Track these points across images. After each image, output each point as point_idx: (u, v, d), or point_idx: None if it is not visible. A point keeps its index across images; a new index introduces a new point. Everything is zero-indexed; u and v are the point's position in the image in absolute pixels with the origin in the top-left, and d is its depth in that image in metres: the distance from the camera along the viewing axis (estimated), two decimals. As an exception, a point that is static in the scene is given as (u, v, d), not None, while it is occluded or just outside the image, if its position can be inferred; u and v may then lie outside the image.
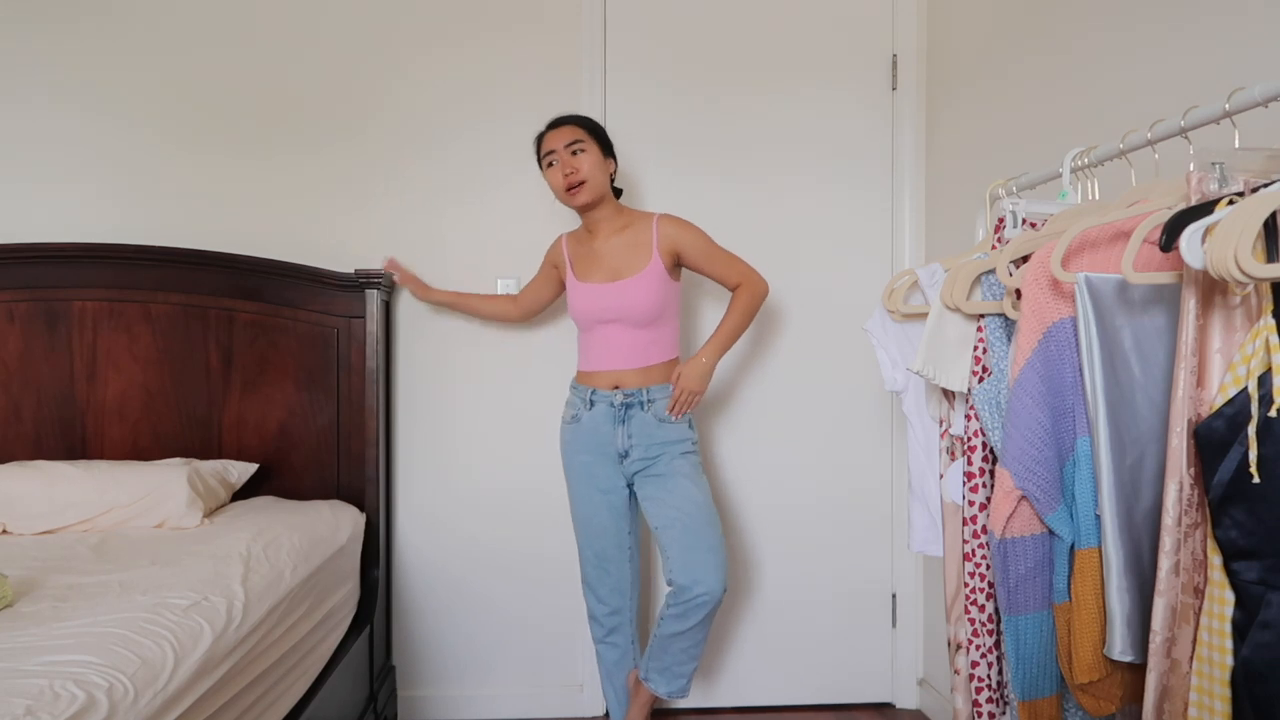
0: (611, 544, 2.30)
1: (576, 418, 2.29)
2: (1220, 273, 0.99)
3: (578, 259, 2.34)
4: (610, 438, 2.25)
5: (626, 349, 2.24)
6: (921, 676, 2.83)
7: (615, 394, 2.23)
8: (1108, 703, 1.30)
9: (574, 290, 2.31)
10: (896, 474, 2.82)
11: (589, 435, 2.27)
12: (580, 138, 2.23)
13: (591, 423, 2.26)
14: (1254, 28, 1.49)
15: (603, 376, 2.26)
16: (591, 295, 2.26)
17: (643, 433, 2.23)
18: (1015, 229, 1.58)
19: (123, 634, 1.36)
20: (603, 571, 2.31)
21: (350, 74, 2.71)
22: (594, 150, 2.24)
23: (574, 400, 2.32)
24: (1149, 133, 1.38)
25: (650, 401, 2.23)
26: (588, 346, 2.30)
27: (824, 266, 2.81)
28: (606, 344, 2.25)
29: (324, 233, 2.69)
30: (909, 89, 2.79)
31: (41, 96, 2.64)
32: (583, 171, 2.21)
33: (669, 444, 2.23)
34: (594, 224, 2.32)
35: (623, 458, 2.25)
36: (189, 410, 2.55)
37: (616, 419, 2.24)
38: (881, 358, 1.90)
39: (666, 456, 2.23)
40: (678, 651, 2.20)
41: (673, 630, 2.18)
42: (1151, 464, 1.23)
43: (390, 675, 2.65)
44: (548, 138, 2.27)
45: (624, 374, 2.24)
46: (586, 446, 2.28)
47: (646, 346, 2.25)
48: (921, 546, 1.86)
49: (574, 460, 2.31)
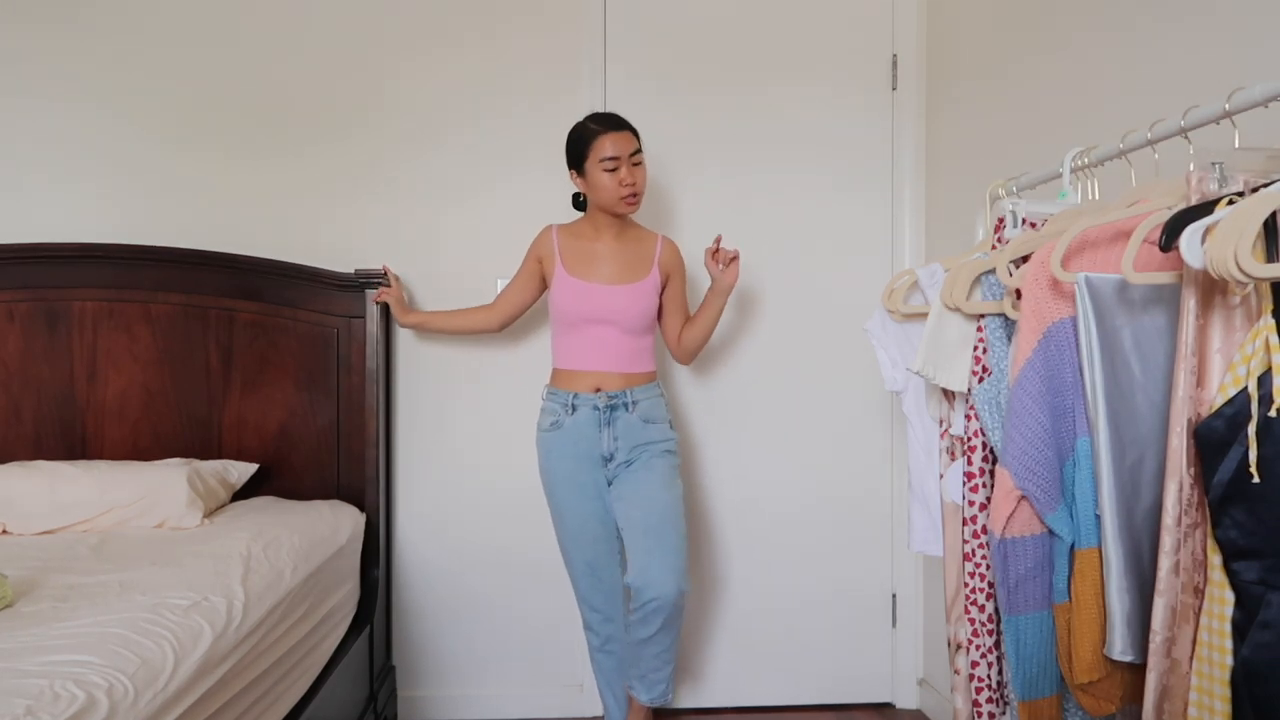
0: (604, 551, 2.26)
1: (557, 424, 2.24)
2: (1220, 272, 0.99)
3: (570, 254, 2.29)
4: (595, 442, 2.22)
5: (614, 352, 2.22)
6: (921, 676, 2.83)
7: (598, 396, 2.21)
8: (1108, 703, 1.30)
9: (565, 285, 2.26)
10: (896, 474, 2.82)
11: (571, 441, 2.23)
12: (639, 148, 2.22)
13: (575, 428, 2.22)
14: (1254, 28, 1.49)
15: (584, 378, 2.23)
16: (588, 294, 2.23)
17: (628, 434, 2.21)
18: (1015, 229, 1.58)
19: (123, 634, 1.36)
20: (596, 580, 2.27)
21: (350, 73, 2.70)
22: (644, 161, 2.25)
23: (552, 406, 2.27)
24: (1149, 133, 1.38)
25: (634, 403, 2.22)
26: (570, 346, 2.26)
27: (824, 266, 2.81)
28: (595, 344, 2.23)
29: (324, 233, 2.69)
30: (909, 89, 2.79)
31: (42, 97, 2.63)
32: (639, 184, 2.21)
33: (651, 443, 2.23)
34: (607, 226, 2.30)
35: (607, 461, 2.23)
36: (189, 410, 2.55)
37: (601, 422, 2.21)
38: (881, 358, 1.90)
39: (646, 455, 2.22)
40: (650, 658, 2.18)
41: (639, 636, 2.16)
42: (1151, 464, 1.23)
43: (390, 675, 2.65)
44: (610, 140, 2.18)
45: (608, 376, 2.22)
46: (570, 453, 2.23)
47: (634, 352, 2.25)
48: (921, 546, 1.86)
49: (557, 468, 2.25)
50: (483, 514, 2.74)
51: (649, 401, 2.25)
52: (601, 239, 2.30)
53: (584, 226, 2.34)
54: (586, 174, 2.22)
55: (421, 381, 2.73)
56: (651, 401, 2.25)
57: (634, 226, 2.35)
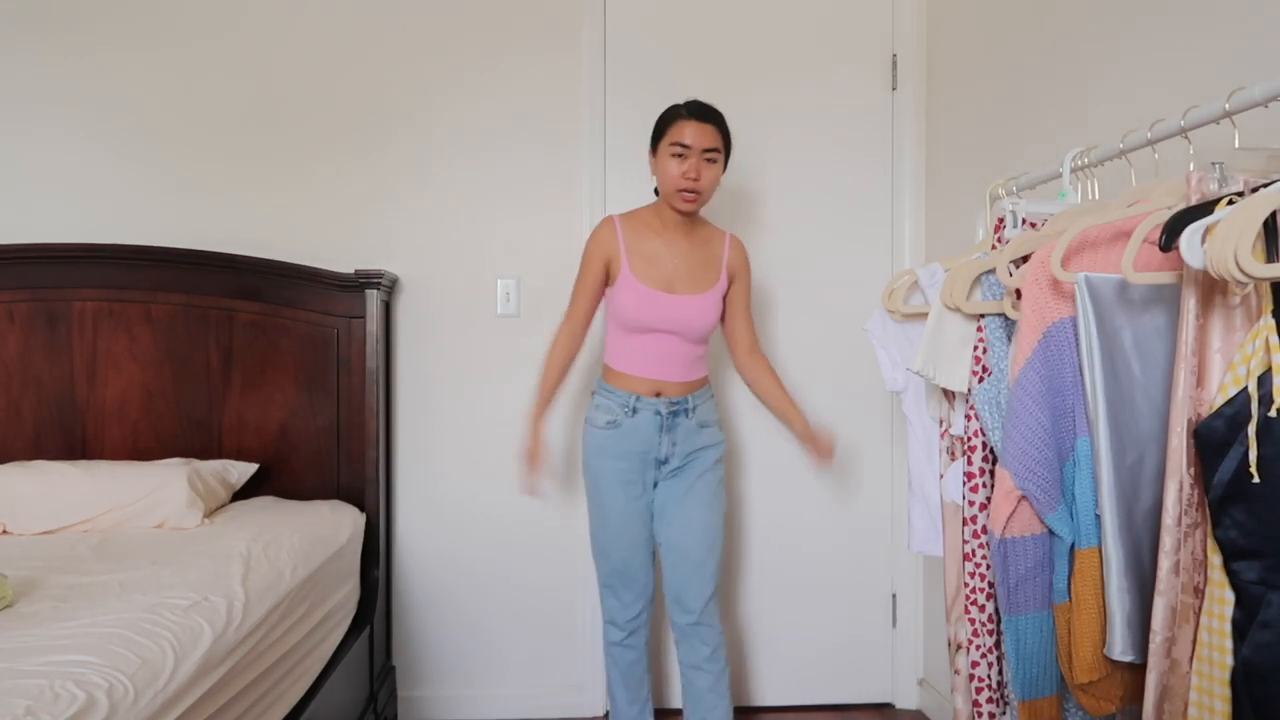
0: (642, 551, 2.20)
1: (615, 424, 2.16)
2: (1220, 272, 0.99)
3: (637, 255, 2.15)
4: (652, 445, 2.16)
5: (675, 360, 2.15)
6: (921, 676, 2.83)
7: (659, 401, 2.14)
8: (1108, 703, 1.30)
9: (630, 290, 2.12)
10: (896, 474, 2.82)
11: (628, 442, 2.15)
12: (718, 147, 2.10)
13: (633, 429, 2.15)
14: (1254, 28, 1.49)
15: (644, 383, 2.15)
16: (654, 303, 2.12)
17: (685, 439, 2.17)
18: (1015, 229, 1.58)
19: (123, 634, 1.36)
20: (629, 579, 2.20)
21: (350, 75, 2.70)
22: (721, 163, 2.12)
23: (610, 405, 2.17)
24: (1149, 133, 1.38)
25: (693, 409, 2.18)
26: (629, 349, 2.16)
27: (824, 266, 2.81)
28: (656, 352, 2.14)
29: (324, 233, 2.69)
30: (909, 89, 2.79)
31: (42, 97, 2.63)
32: (704, 182, 2.08)
33: (704, 449, 2.19)
34: (671, 219, 2.17)
35: (660, 464, 2.18)
36: (189, 410, 2.55)
37: (662, 427, 2.15)
38: (881, 358, 1.90)
39: (699, 464, 2.18)
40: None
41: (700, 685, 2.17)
42: (1151, 464, 1.23)
43: (390, 675, 2.65)
44: (686, 127, 2.07)
45: (667, 383, 2.15)
46: (624, 452, 2.16)
47: (695, 360, 2.19)
48: (921, 546, 1.86)
49: (609, 466, 2.17)
50: (483, 514, 2.74)
51: (705, 405, 2.21)
52: (667, 233, 2.18)
53: (649, 217, 2.20)
54: (657, 155, 2.12)
55: (421, 381, 2.73)
56: (706, 405, 2.22)
57: (702, 223, 2.25)
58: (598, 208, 2.73)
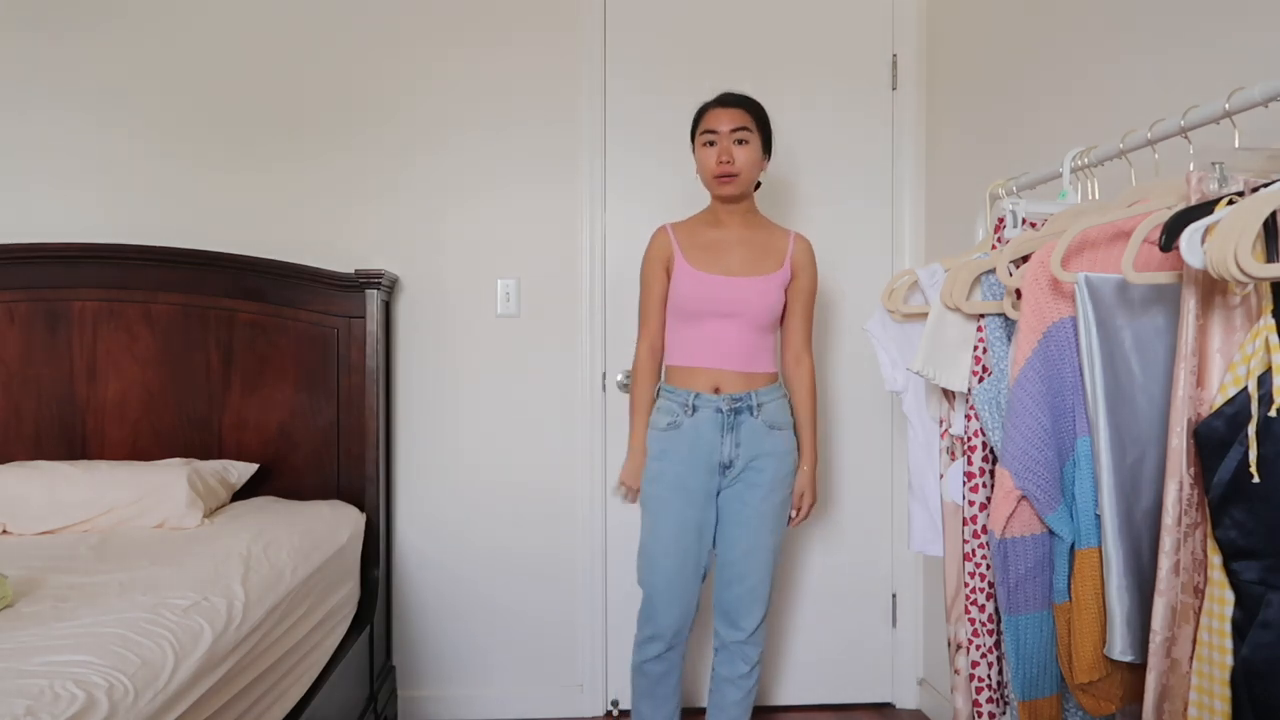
0: (692, 564, 2.07)
1: (675, 424, 2.06)
2: (1220, 272, 0.98)
3: (690, 248, 2.12)
4: (714, 446, 2.05)
5: (735, 348, 2.06)
6: (921, 676, 2.83)
7: (720, 398, 2.05)
8: (1108, 703, 1.30)
9: (688, 278, 2.08)
10: (896, 474, 2.82)
11: (688, 444, 2.05)
12: (746, 125, 2.06)
13: (694, 430, 2.05)
14: (1254, 28, 1.49)
15: (702, 376, 2.07)
16: (713, 285, 2.06)
17: (751, 441, 2.06)
18: (1015, 229, 1.58)
19: (123, 634, 1.36)
20: (675, 593, 2.06)
21: (350, 75, 2.71)
22: (756, 143, 2.08)
23: (670, 405, 2.08)
24: (1149, 132, 1.38)
25: (759, 406, 2.06)
26: (685, 340, 2.10)
27: (824, 266, 2.79)
28: (714, 340, 2.06)
29: (324, 233, 2.69)
30: (909, 89, 2.79)
31: (42, 97, 2.63)
32: (738, 163, 2.04)
33: (773, 455, 2.07)
34: (727, 215, 2.14)
35: (725, 469, 2.07)
36: (189, 410, 2.55)
37: (724, 426, 2.05)
38: (881, 358, 1.90)
39: (765, 474, 2.07)
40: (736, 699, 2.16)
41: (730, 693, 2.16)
42: (1151, 464, 1.23)
43: (390, 675, 2.65)
44: (712, 115, 2.08)
45: (726, 375, 2.06)
46: (685, 455, 2.05)
47: (756, 351, 2.08)
48: (921, 546, 1.85)
49: (667, 470, 2.06)
50: (483, 514, 2.74)
51: (775, 404, 2.09)
52: (725, 227, 2.14)
53: (704, 216, 2.19)
54: (695, 151, 2.12)
55: (421, 381, 2.73)
56: (777, 404, 2.10)
57: (763, 219, 2.20)
58: (598, 208, 2.73)
